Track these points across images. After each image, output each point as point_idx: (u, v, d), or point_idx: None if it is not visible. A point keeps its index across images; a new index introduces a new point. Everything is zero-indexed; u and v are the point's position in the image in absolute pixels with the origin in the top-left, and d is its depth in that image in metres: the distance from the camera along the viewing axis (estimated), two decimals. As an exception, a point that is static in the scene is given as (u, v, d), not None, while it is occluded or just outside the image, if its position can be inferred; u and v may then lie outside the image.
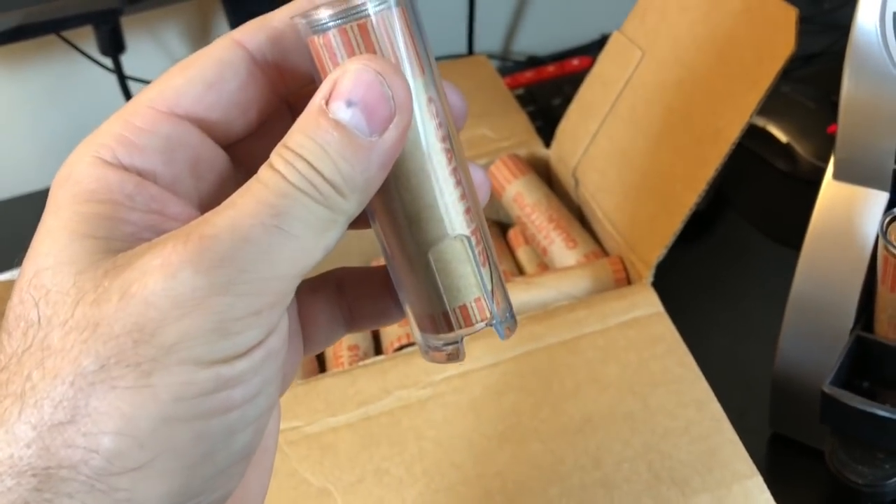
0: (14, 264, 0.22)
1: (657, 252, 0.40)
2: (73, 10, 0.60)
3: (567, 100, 0.64)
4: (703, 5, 0.42)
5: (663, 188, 0.41)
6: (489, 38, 0.84)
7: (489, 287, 0.21)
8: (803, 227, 0.57)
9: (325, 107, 0.18)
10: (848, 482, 0.35)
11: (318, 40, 0.19)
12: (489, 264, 0.21)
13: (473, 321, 0.21)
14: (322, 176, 0.18)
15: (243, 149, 0.22)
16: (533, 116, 0.58)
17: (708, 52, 0.40)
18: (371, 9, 0.19)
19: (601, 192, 0.45)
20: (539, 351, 0.38)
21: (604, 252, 0.46)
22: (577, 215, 0.48)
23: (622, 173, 0.44)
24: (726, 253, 0.55)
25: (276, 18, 0.21)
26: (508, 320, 0.22)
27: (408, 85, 0.19)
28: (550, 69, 0.68)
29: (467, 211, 0.21)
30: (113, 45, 0.66)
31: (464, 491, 0.33)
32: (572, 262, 0.45)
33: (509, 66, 0.81)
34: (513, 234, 0.51)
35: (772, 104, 0.40)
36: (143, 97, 0.20)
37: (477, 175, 0.22)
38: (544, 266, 0.48)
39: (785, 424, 0.42)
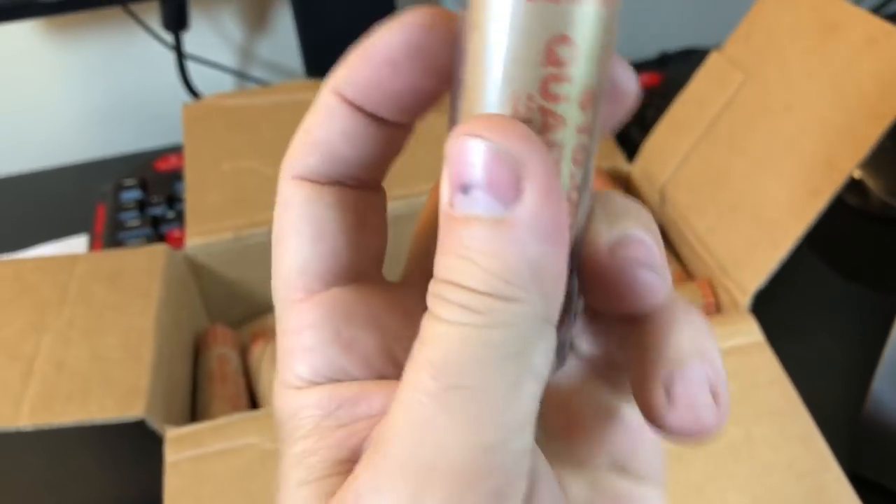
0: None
1: (758, 279, 0.39)
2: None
3: (637, 116, 0.64)
4: (817, 34, 0.41)
5: (765, 214, 0.40)
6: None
7: None
8: (873, 264, 0.57)
9: (450, 209, 0.15)
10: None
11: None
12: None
13: None
14: (476, 291, 0.14)
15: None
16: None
17: (822, 81, 0.40)
18: None
19: (692, 212, 0.44)
20: (637, 372, 0.37)
21: (686, 272, 0.45)
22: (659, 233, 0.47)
23: (717, 195, 0.43)
24: (793, 287, 0.54)
25: (364, 72, 0.18)
26: None
27: (521, 129, 0.15)
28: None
29: None
30: (177, 21, 0.64)
31: None
32: (656, 281, 0.44)
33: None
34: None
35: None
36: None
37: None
38: (622, 283, 0.47)
39: (868, 466, 0.41)
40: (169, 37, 0.67)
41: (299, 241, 0.18)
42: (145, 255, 0.46)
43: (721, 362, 0.17)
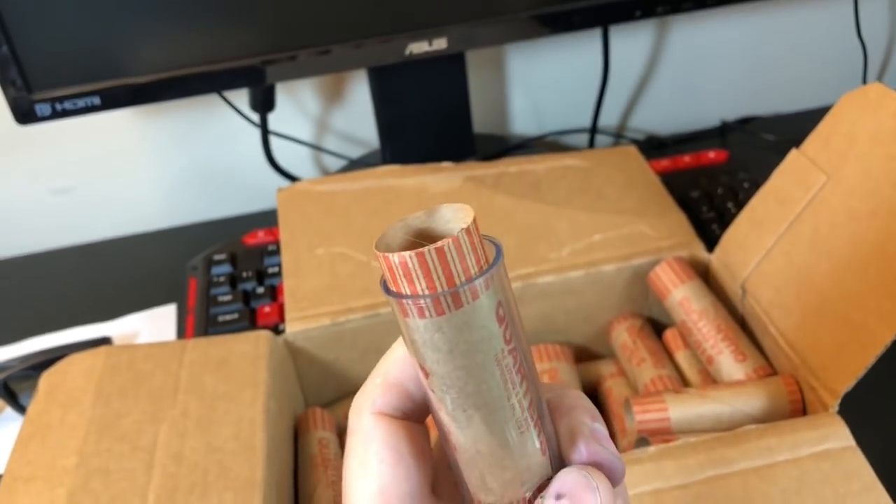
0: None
1: (847, 383, 0.40)
2: (230, 66, 0.61)
3: (705, 193, 0.66)
4: (900, 140, 0.43)
5: (852, 317, 0.41)
6: (606, 112, 0.86)
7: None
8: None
9: None
10: None
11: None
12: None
13: None
14: None
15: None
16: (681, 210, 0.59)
17: (907, 189, 0.41)
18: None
19: (775, 309, 0.46)
20: (731, 476, 0.38)
21: (771, 367, 0.46)
22: (739, 325, 0.49)
23: (802, 294, 0.44)
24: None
25: None
26: None
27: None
28: (686, 159, 0.69)
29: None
30: (264, 104, 0.67)
31: None
32: (741, 375, 0.46)
33: (625, 144, 0.82)
34: (670, 335, 0.52)
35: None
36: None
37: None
38: (706, 374, 0.49)
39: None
40: (255, 115, 0.70)
41: (382, 467, 0.23)
42: (249, 341, 0.48)
43: None
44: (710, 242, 0.53)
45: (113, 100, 0.60)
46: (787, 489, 0.37)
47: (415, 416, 0.24)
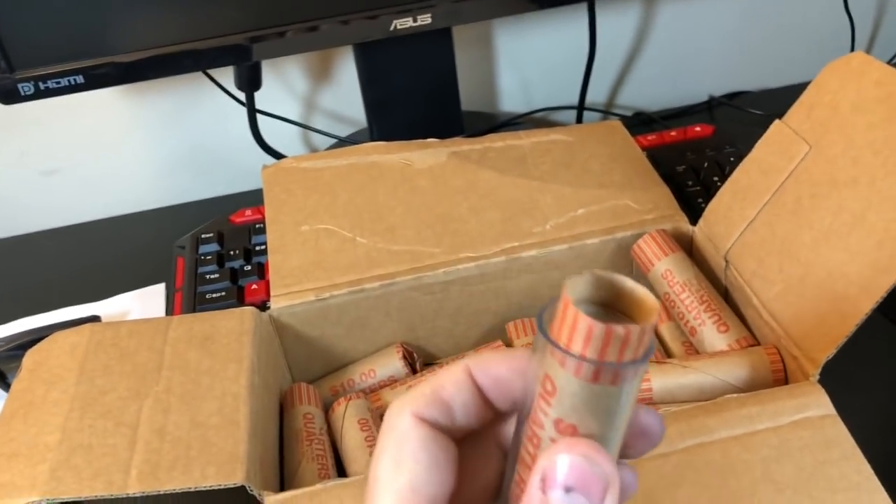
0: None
1: (826, 352, 0.40)
2: (215, 45, 0.61)
3: (691, 167, 0.65)
4: (881, 109, 0.42)
5: (834, 287, 0.41)
6: (594, 89, 0.85)
7: None
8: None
9: (545, 496, 0.21)
10: None
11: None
12: None
13: None
14: None
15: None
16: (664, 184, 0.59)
17: (888, 157, 0.41)
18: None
19: (758, 280, 0.46)
20: (711, 444, 0.38)
21: (754, 338, 0.46)
22: (722, 296, 0.49)
23: (784, 264, 0.44)
24: (851, 340, 0.56)
25: (502, 368, 0.25)
26: None
27: (610, 458, 0.22)
28: (672, 133, 0.69)
29: None
30: (250, 82, 0.67)
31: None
32: (724, 346, 0.46)
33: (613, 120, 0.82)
34: (654, 308, 0.52)
35: None
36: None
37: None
38: (689, 345, 0.49)
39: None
40: (241, 94, 0.70)
41: (417, 467, 0.24)
42: (235, 317, 0.48)
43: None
44: (696, 216, 0.53)
45: (97, 78, 0.60)
46: (767, 457, 0.38)
47: (451, 434, 0.25)
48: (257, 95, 0.72)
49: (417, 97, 0.73)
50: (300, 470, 0.45)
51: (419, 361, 0.54)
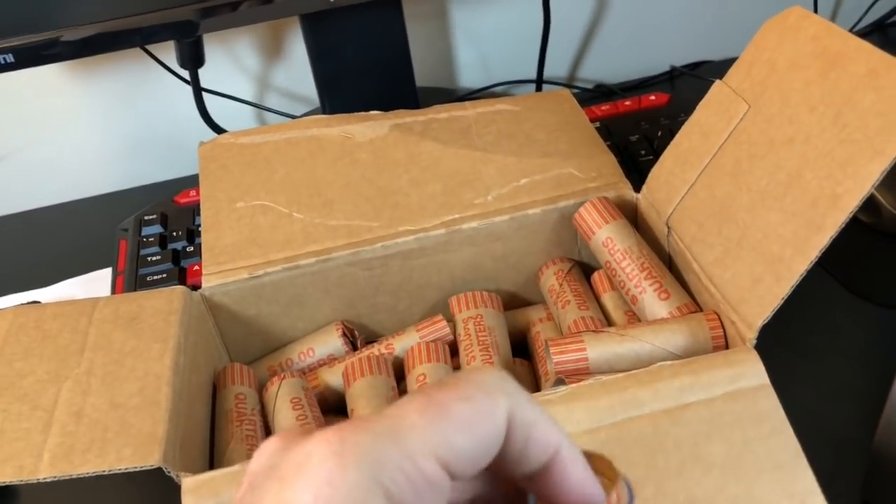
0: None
1: (763, 315, 0.39)
2: (153, 21, 0.59)
3: (644, 136, 0.64)
4: (817, 64, 0.41)
5: (769, 248, 0.40)
6: (556, 63, 0.84)
7: None
8: (885, 281, 0.56)
9: None
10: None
11: None
12: None
13: None
14: None
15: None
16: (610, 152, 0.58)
17: (823, 113, 0.40)
18: None
19: (698, 244, 0.44)
20: (642, 418, 0.37)
21: (696, 305, 0.45)
22: (666, 263, 0.48)
23: (723, 227, 0.43)
24: (804, 305, 0.54)
25: None
26: None
27: None
28: (627, 103, 0.67)
29: None
30: (192, 59, 0.65)
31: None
32: (664, 313, 0.45)
33: (575, 93, 0.81)
34: (598, 277, 0.51)
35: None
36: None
37: None
38: (632, 314, 0.48)
39: (880, 495, 0.41)
40: (186, 73, 0.68)
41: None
42: (163, 297, 0.47)
43: None
44: (644, 183, 0.51)
45: (28, 57, 0.58)
46: (697, 432, 0.36)
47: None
48: (207, 75, 0.70)
49: (370, 72, 0.71)
50: (229, 451, 0.44)
51: (360, 339, 0.52)
